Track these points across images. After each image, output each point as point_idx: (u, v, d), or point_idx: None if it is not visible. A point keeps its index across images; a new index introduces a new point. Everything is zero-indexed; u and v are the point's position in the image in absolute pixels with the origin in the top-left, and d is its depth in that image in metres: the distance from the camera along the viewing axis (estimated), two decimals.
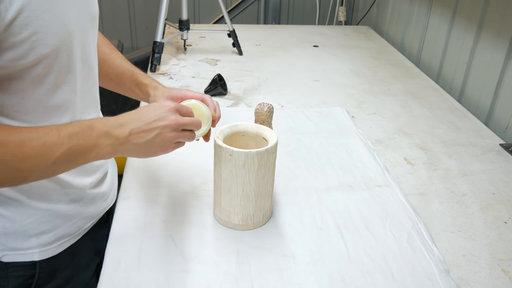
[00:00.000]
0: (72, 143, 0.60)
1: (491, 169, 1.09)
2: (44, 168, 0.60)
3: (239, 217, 0.81)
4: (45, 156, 0.59)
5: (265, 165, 0.77)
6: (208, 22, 2.70)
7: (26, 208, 0.71)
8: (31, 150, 0.58)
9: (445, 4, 1.66)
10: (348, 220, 0.87)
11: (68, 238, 0.78)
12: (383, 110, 1.38)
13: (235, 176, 0.77)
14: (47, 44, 0.61)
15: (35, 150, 0.58)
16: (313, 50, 1.92)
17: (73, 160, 0.62)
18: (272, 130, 0.84)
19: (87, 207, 0.80)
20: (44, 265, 0.76)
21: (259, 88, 1.50)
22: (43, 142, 0.59)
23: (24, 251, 0.74)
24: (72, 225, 0.78)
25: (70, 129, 0.61)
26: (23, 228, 0.72)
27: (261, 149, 0.76)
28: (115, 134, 0.64)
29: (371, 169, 1.04)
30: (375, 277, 0.74)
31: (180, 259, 0.76)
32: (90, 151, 0.63)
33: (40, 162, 0.59)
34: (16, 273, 0.75)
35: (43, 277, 0.77)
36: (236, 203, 0.80)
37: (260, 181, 0.79)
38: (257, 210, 0.82)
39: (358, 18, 2.56)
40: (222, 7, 1.73)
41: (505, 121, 1.31)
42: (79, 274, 0.83)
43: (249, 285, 0.72)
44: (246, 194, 0.79)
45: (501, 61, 1.34)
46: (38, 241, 0.74)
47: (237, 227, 0.83)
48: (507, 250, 0.84)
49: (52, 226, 0.75)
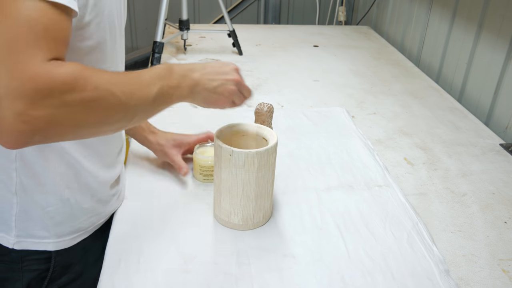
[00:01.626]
0: (161, 82, 0.63)
1: (491, 169, 1.09)
2: (147, 105, 0.62)
3: (239, 217, 0.81)
4: (146, 92, 0.61)
5: (265, 165, 0.77)
6: (208, 22, 2.70)
7: (48, 195, 0.72)
8: (134, 86, 0.59)
9: (445, 4, 1.66)
10: (348, 220, 0.87)
11: (82, 232, 0.80)
12: (383, 110, 1.38)
13: (235, 176, 0.77)
14: (105, 28, 0.65)
15: (137, 86, 0.60)
16: (313, 50, 1.92)
17: (164, 99, 0.64)
18: (272, 130, 0.84)
19: (103, 204, 0.82)
20: (58, 259, 0.78)
21: (259, 88, 1.50)
22: (141, 80, 0.61)
23: (39, 240, 0.75)
24: (87, 220, 0.79)
25: (155, 71, 0.63)
26: (42, 215, 0.73)
27: (261, 149, 0.76)
28: (191, 76, 0.68)
29: (371, 169, 1.04)
30: (375, 277, 0.74)
31: (180, 259, 0.76)
32: (174, 91, 0.65)
33: (143, 98, 0.61)
34: (31, 267, 0.77)
35: (57, 271, 0.78)
36: (236, 203, 0.80)
37: (260, 181, 0.78)
38: (257, 210, 0.82)
39: (358, 18, 2.56)
40: (222, 7, 1.73)
41: (505, 121, 1.31)
42: (89, 270, 0.84)
43: (249, 285, 0.72)
44: (246, 194, 0.79)
45: (501, 61, 1.34)
46: (54, 231, 0.75)
47: (237, 227, 0.83)
48: (507, 250, 0.84)
49: (69, 217, 0.76)
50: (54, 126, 0.51)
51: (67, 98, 0.51)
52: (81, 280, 0.83)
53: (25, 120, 0.49)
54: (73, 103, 0.52)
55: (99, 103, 0.54)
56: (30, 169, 0.70)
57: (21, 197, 0.71)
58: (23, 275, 0.77)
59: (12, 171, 0.70)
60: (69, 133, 0.55)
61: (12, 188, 0.71)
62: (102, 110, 0.55)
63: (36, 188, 0.71)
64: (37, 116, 0.49)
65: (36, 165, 0.70)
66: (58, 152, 0.71)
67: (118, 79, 0.57)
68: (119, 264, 0.75)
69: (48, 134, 0.52)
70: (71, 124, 0.53)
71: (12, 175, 0.70)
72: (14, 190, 0.71)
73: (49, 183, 0.72)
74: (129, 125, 0.62)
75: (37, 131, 0.50)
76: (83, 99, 0.52)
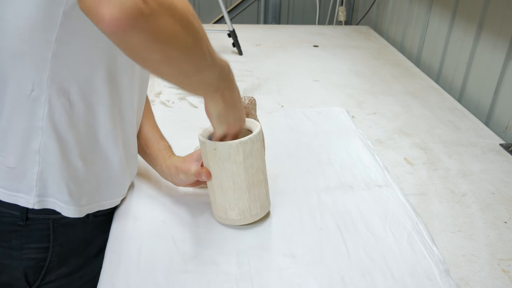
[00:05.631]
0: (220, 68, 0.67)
1: (491, 169, 1.09)
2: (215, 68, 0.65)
3: (236, 212, 0.81)
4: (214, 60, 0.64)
5: (250, 154, 0.77)
6: (208, 22, 2.70)
7: (69, 159, 0.73)
8: (212, 50, 0.63)
9: (445, 4, 1.66)
10: (348, 220, 0.87)
11: (97, 204, 0.80)
12: (383, 110, 1.38)
13: (223, 169, 0.77)
14: None
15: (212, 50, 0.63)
16: (313, 50, 1.92)
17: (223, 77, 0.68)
18: (255, 120, 0.83)
19: (118, 178, 0.82)
20: (56, 249, 0.78)
21: (259, 88, 1.50)
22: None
23: (56, 201, 0.75)
24: (104, 192, 0.80)
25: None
26: (61, 178, 0.74)
27: (244, 139, 0.75)
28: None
29: (371, 169, 1.04)
30: (375, 277, 0.74)
31: (180, 259, 0.76)
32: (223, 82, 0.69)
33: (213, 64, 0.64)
34: (30, 255, 0.77)
35: (55, 261, 0.79)
36: (230, 197, 0.80)
37: (250, 170, 0.78)
38: (253, 201, 0.81)
39: (358, 18, 2.56)
40: (222, 7, 1.73)
41: (505, 121, 1.31)
42: (90, 264, 0.84)
43: (249, 285, 0.72)
44: (238, 186, 0.78)
45: (501, 61, 1.34)
46: (72, 195, 0.75)
47: (236, 222, 0.82)
48: (507, 250, 0.84)
49: (86, 184, 0.77)
50: (160, 20, 0.51)
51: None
52: (82, 273, 0.83)
53: None
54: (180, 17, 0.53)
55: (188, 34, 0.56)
56: (55, 130, 0.70)
57: (43, 156, 0.71)
58: (21, 263, 0.77)
59: (38, 129, 0.70)
60: (162, 43, 0.53)
61: (36, 146, 0.71)
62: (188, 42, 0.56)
63: (57, 150, 0.72)
64: None
65: (61, 126, 0.70)
66: (85, 123, 0.72)
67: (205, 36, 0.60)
68: (119, 264, 0.75)
69: (150, 27, 0.50)
70: (170, 33, 0.53)
71: (37, 133, 0.70)
72: (38, 148, 0.71)
73: (70, 148, 0.72)
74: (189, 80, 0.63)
75: (148, 15, 0.49)
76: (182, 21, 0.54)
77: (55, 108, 0.69)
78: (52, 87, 0.68)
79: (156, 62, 0.56)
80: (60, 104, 0.69)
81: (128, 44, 0.51)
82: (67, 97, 0.69)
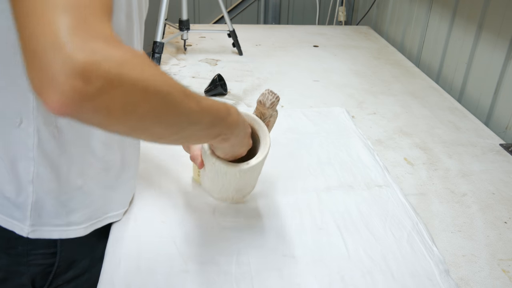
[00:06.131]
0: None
1: (491, 169, 1.09)
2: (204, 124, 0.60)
3: (218, 196, 0.85)
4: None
5: (247, 175, 0.76)
6: (208, 22, 2.70)
7: (62, 184, 0.72)
8: (197, 98, 0.56)
9: (445, 4, 1.66)
10: (348, 220, 0.87)
11: (95, 221, 0.79)
12: (383, 110, 1.38)
13: (217, 177, 0.77)
14: (120, 18, 0.66)
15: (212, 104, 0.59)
16: (313, 50, 1.92)
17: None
18: (268, 135, 0.76)
19: (115, 192, 0.81)
20: (64, 254, 0.77)
21: (259, 88, 1.50)
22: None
23: (52, 228, 0.74)
24: (99, 209, 0.79)
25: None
26: (56, 204, 0.73)
27: (244, 168, 0.72)
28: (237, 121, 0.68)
29: (371, 169, 1.04)
30: (375, 277, 0.74)
31: (180, 259, 0.76)
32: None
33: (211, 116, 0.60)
34: (37, 261, 0.76)
35: (62, 266, 0.78)
36: (216, 190, 0.82)
37: (241, 182, 0.78)
38: (238, 196, 0.84)
39: (358, 18, 2.56)
40: (222, 7, 1.73)
41: (505, 121, 1.31)
42: (96, 266, 0.83)
43: (249, 285, 0.72)
44: (225, 188, 0.80)
45: (501, 61, 1.34)
46: (67, 219, 0.75)
47: (216, 199, 0.87)
48: (507, 250, 0.84)
49: (82, 205, 0.76)
50: (110, 96, 0.44)
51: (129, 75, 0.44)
52: (88, 275, 0.83)
53: (84, 76, 0.41)
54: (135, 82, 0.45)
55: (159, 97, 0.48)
56: (47, 158, 0.70)
57: (36, 186, 0.71)
58: (28, 269, 0.76)
59: (29, 160, 0.69)
60: (118, 117, 0.46)
61: (29, 177, 0.70)
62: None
63: (52, 177, 0.71)
64: (99, 75, 0.41)
65: (52, 154, 0.70)
66: (77, 146, 0.71)
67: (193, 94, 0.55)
68: (119, 264, 0.75)
69: (99, 106, 0.44)
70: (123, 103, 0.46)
71: (29, 163, 0.70)
72: (31, 179, 0.71)
73: (65, 172, 0.72)
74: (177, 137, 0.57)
75: (92, 96, 0.42)
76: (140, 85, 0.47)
77: (44, 138, 0.68)
78: (38, 118, 0.67)
79: (125, 132, 0.51)
80: (48, 133, 0.68)
81: (88, 122, 0.47)
82: (54, 124, 0.68)
